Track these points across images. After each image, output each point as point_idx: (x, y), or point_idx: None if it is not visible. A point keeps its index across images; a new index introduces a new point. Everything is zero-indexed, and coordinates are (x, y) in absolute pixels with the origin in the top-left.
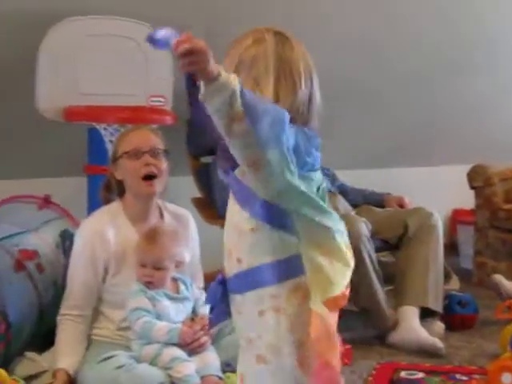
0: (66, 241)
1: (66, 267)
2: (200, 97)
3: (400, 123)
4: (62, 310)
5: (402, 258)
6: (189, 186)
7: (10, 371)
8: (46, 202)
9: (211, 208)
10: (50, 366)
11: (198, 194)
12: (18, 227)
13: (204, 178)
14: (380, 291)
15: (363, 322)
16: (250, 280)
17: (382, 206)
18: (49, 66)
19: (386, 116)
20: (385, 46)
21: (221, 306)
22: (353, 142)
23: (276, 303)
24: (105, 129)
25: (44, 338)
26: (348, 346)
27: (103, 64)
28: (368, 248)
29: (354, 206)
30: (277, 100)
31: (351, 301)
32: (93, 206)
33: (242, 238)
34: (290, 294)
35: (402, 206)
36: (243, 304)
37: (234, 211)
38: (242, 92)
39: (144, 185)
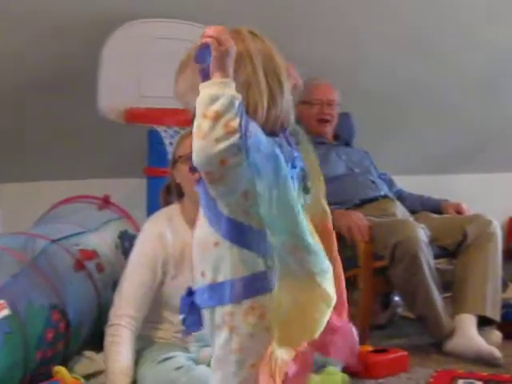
0: (124, 242)
1: (124, 268)
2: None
3: (462, 129)
4: (117, 312)
5: (460, 265)
6: None
7: (68, 369)
8: (106, 202)
9: None
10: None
11: None
12: (78, 227)
13: None
14: (437, 298)
15: (420, 329)
16: (211, 295)
17: (440, 213)
18: (111, 68)
19: (449, 122)
20: (450, 52)
21: (192, 316)
22: (410, 147)
23: (231, 322)
24: (165, 131)
25: (102, 338)
26: (404, 353)
27: (164, 66)
28: (426, 254)
29: (412, 212)
30: (268, 101)
31: (408, 307)
32: (152, 207)
33: (206, 252)
34: (247, 313)
35: (459, 212)
36: (205, 317)
37: (202, 223)
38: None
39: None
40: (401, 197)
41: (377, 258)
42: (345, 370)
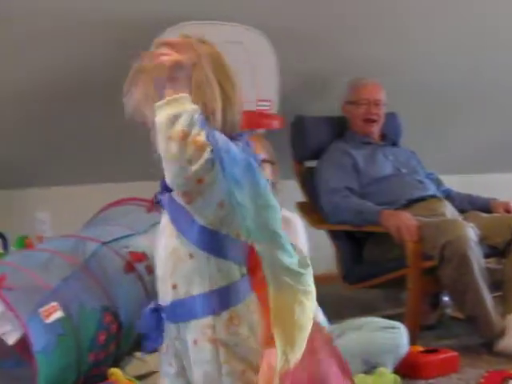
0: None
1: None
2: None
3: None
4: None
5: (510, 264)
6: (293, 190)
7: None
8: (154, 204)
9: (316, 212)
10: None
11: (301, 198)
12: (127, 229)
13: (309, 182)
14: (487, 298)
15: (469, 329)
16: (186, 309)
17: (489, 212)
18: None
19: (497, 119)
20: (501, 51)
21: (155, 333)
22: (458, 146)
23: (213, 335)
24: None
25: None
26: (455, 354)
27: None
28: (476, 254)
29: (460, 211)
30: (224, 104)
31: (457, 308)
32: None
33: (180, 264)
34: (228, 323)
35: (508, 211)
36: (178, 332)
37: (171, 234)
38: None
39: None
40: (449, 196)
41: (426, 257)
42: (396, 370)
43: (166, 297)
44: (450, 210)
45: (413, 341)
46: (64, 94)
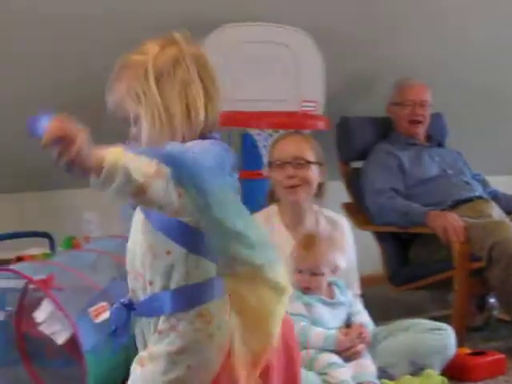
0: None
1: None
2: (92, 186)
3: None
4: None
5: None
6: (339, 191)
7: None
8: None
9: (362, 213)
10: None
11: (347, 199)
12: None
13: (355, 183)
14: None
15: None
16: (160, 304)
17: None
18: None
19: None
20: None
21: (123, 329)
22: (507, 146)
23: (178, 327)
24: (258, 134)
25: None
26: (502, 356)
27: (257, 70)
28: None
29: (507, 212)
30: (206, 98)
31: (504, 310)
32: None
33: (157, 261)
34: (194, 319)
35: None
36: (149, 324)
37: (147, 231)
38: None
39: (287, 192)
40: (495, 197)
41: (473, 259)
42: (443, 372)
43: (139, 292)
44: (496, 211)
45: (460, 343)
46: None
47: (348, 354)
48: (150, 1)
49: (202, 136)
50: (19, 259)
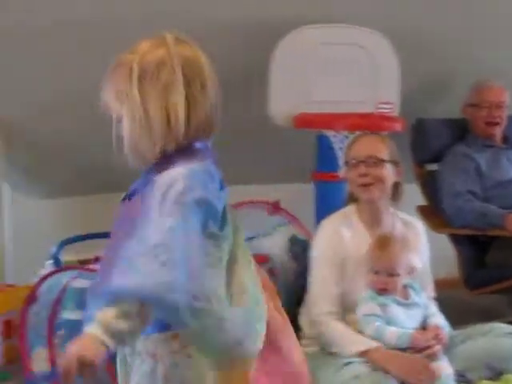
0: (294, 246)
1: (295, 273)
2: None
3: None
4: (317, 312)
5: None
6: (413, 194)
7: None
8: (276, 207)
9: (437, 216)
10: None
11: (422, 202)
12: (250, 232)
13: (430, 185)
14: None
15: None
16: None
17: None
18: (281, 73)
19: None
20: None
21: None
22: None
23: (155, 350)
24: (334, 136)
25: None
26: None
27: (333, 71)
28: None
29: None
30: (188, 104)
31: None
32: (320, 212)
33: None
34: (170, 341)
35: None
36: (133, 347)
37: None
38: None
39: (361, 191)
40: None
41: None
42: None
43: None
44: None
45: None
46: None
47: (424, 353)
48: (228, 3)
49: (187, 145)
50: (97, 259)
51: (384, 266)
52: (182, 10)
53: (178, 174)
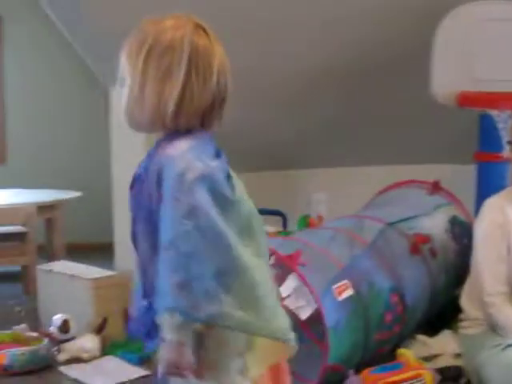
0: (455, 227)
1: (456, 253)
2: None
3: None
4: (488, 291)
5: None
6: None
7: None
8: (436, 187)
9: None
10: (442, 349)
11: None
12: (410, 211)
13: None
14: None
15: None
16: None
17: None
18: (445, 52)
19: None
20: None
21: (154, 332)
22: None
23: None
24: (498, 115)
25: (434, 322)
26: None
27: (499, 49)
28: None
29: None
30: (183, 95)
31: None
32: (482, 193)
33: None
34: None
35: None
36: None
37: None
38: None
39: None
40: None
41: None
42: None
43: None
44: None
45: None
46: (361, 71)
47: None
48: None
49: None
50: None
51: None
52: None
53: (172, 157)
